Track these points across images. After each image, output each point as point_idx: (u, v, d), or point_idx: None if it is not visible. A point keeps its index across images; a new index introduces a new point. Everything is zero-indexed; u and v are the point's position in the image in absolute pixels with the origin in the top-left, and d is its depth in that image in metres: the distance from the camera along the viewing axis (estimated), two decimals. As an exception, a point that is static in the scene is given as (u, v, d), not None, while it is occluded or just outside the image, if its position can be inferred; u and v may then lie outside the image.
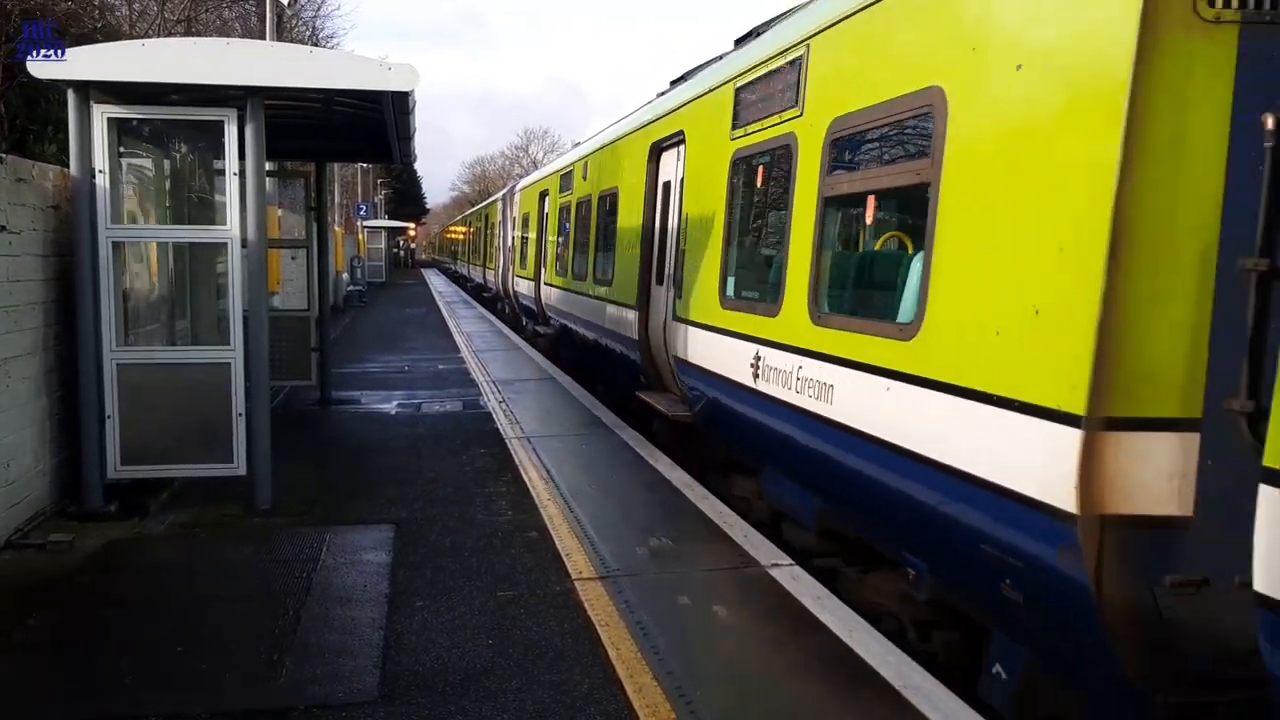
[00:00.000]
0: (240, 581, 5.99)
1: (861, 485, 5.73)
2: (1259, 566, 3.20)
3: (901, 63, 5.46)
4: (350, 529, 6.94)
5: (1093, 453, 3.85)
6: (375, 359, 17.31)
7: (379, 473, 8.63)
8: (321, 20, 33.74)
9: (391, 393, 13.31)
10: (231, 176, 7.04)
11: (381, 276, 47.90)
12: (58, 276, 7.11)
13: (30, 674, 4.72)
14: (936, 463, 4.81)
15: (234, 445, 7.13)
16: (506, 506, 7.56)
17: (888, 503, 5.46)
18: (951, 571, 5.16)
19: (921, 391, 4.99)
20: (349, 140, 11.24)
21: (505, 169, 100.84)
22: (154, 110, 7.36)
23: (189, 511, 7.22)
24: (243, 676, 4.66)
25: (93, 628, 5.24)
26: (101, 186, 6.82)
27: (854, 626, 5.29)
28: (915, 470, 5.01)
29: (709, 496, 7.92)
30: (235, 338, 7.11)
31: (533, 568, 6.18)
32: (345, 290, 31.98)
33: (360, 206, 50.13)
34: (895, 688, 4.57)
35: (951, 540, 4.84)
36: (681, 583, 5.97)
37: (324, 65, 7.24)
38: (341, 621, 5.32)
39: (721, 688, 4.68)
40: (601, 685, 4.60)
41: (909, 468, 5.07)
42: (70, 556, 6.26)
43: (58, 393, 7.14)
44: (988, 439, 4.45)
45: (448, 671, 4.72)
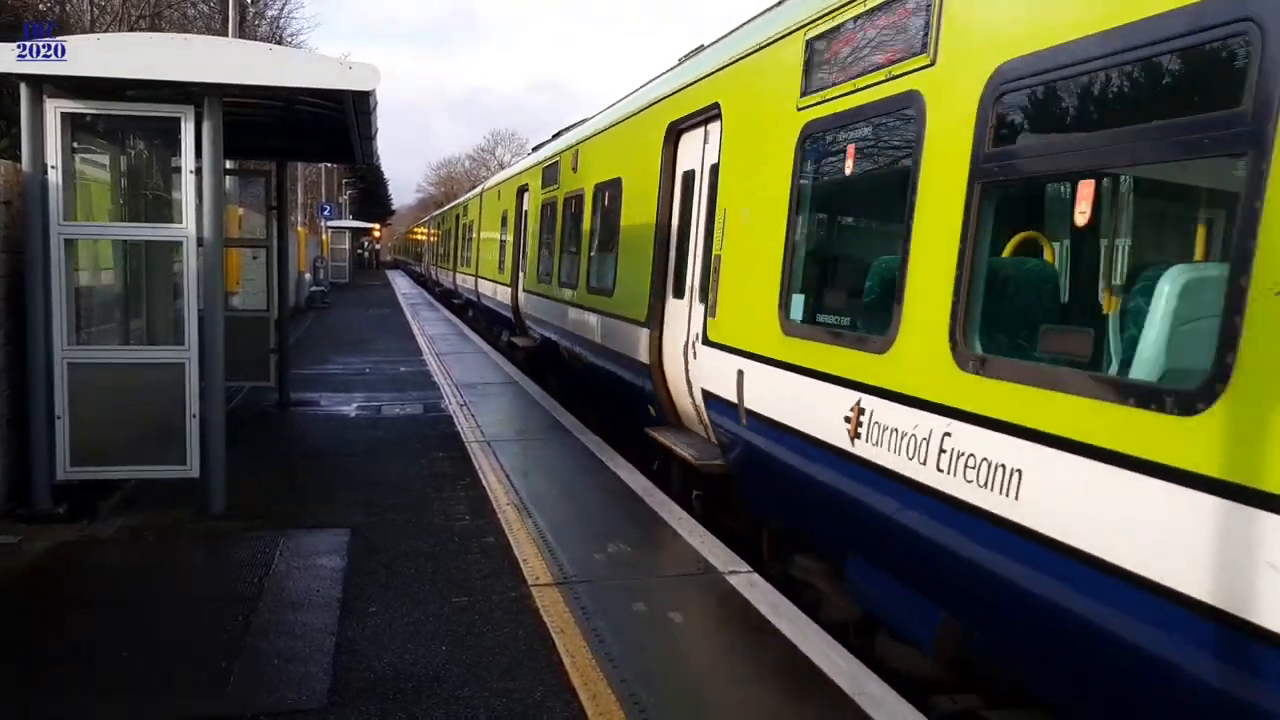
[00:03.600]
0: (190, 586, 5.90)
1: (1059, 624, 3.87)
2: None
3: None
4: (305, 533, 6.85)
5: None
6: (336, 360, 17.15)
7: (336, 476, 8.54)
8: (285, 19, 33.49)
9: (352, 395, 13.19)
10: (188, 175, 6.93)
11: (345, 277, 47.55)
12: (7, 274, 6.96)
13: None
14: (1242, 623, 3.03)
15: (188, 447, 7.02)
16: (464, 511, 7.50)
17: (1114, 658, 3.63)
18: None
19: (1220, 507, 3.13)
20: (311, 139, 11.13)
21: (472, 171, 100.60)
22: (109, 106, 7.23)
23: (140, 514, 7.09)
24: (190, 683, 4.58)
25: (37, 632, 5.12)
26: (54, 183, 6.69)
27: (809, 634, 5.29)
28: (1185, 623, 3.20)
29: (668, 502, 7.90)
30: (190, 338, 7.01)
31: (489, 573, 6.14)
32: (308, 291, 31.67)
33: (324, 207, 49.73)
34: (849, 695, 4.57)
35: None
36: (638, 589, 5.95)
37: (283, 63, 7.15)
38: (293, 627, 5.24)
39: (676, 695, 4.67)
40: (555, 692, 4.57)
41: (1169, 615, 3.26)
42: (16, 559, 6.12)
43: (6, 392, 6.99)
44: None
45: (400, 678, 4.66)
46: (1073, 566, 3.67)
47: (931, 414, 4.59)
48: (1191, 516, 3.18)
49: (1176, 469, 3.27)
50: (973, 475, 4.26)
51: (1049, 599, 3.86)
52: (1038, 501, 3.89)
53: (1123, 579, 3.43)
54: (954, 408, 4.44)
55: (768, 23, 7.06)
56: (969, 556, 4.33)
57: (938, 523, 4.54)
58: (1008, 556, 4.07)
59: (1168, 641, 3.31)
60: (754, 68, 7.19)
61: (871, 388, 5.13)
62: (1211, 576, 3.12)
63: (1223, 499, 3.10)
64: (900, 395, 4.86)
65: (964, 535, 4.35)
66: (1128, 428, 3.48)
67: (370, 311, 30.90)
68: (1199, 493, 3.17)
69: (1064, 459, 3.77)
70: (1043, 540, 3.83)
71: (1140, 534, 3.40)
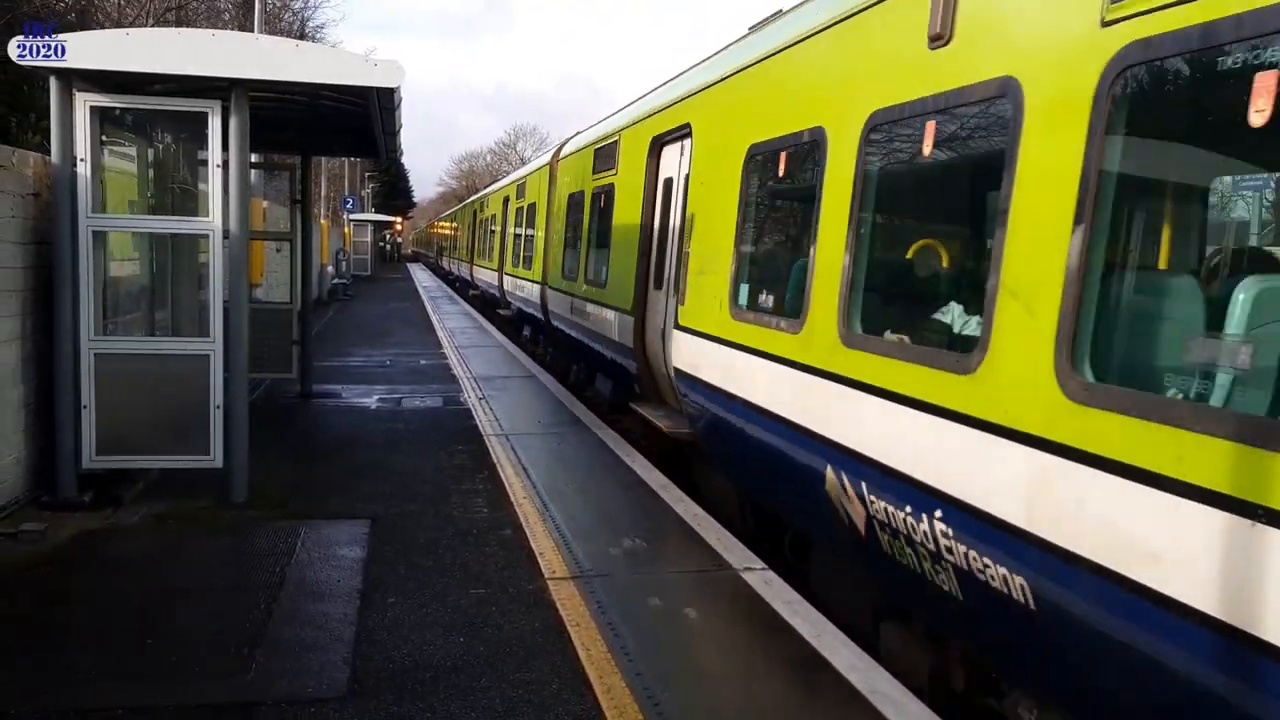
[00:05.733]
0: (213, 574, 5.98)
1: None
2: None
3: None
4: (326, 523, 6.93)
5: None
6: (357, 353, 17.27)
7: (356, 467, 8.62)
8: (310, 11, 33.67)
9: (372, 387, 13.29)
10: (215, 168, 7.02)
11: (366, 270, 47.72)
12: (36, 265, 7.07)
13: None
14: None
15: (211, 437, 7.11)
16: (483, 504, 7.57)
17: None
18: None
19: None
20: (335, 134, 11.21)
21: (493, 165, 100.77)
22: (137, 100, 7.31)
23: (163, 503, 7.20)
24: (212, 670, 4.66)
25: (61, 618, 5.22)
26: (83, 175, 6.79)
27: (823, 631, 5.32)
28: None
29: (684, 499, 7.94)
30: (215, 329, 7.10)
31: (506, 566, 6.20)
32: (330, 284, 31.87)
33: (347, 200, 49.96)
34: (862, 693, 4.60)
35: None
36: (654, 584, 6.00)
37: (310, 60, 7.21)
38: (313, 616, 5.32)
39: (690, 690, 4.71)
40: (571, 685, 4.62)
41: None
42: (41, 546, 6.23)
43: (34, 381, 7.11)
44: None
45: (418, 668, 4.73)
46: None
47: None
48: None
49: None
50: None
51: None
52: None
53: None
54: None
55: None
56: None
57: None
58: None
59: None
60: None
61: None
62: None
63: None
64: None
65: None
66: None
67: (391, 304, 31.05)
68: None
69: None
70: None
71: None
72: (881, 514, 5.04)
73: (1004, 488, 4.04)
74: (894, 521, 4.90)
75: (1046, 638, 3.91)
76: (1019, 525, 3.92)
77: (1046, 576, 3.79)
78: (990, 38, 4.53)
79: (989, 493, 4.14)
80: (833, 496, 5.59)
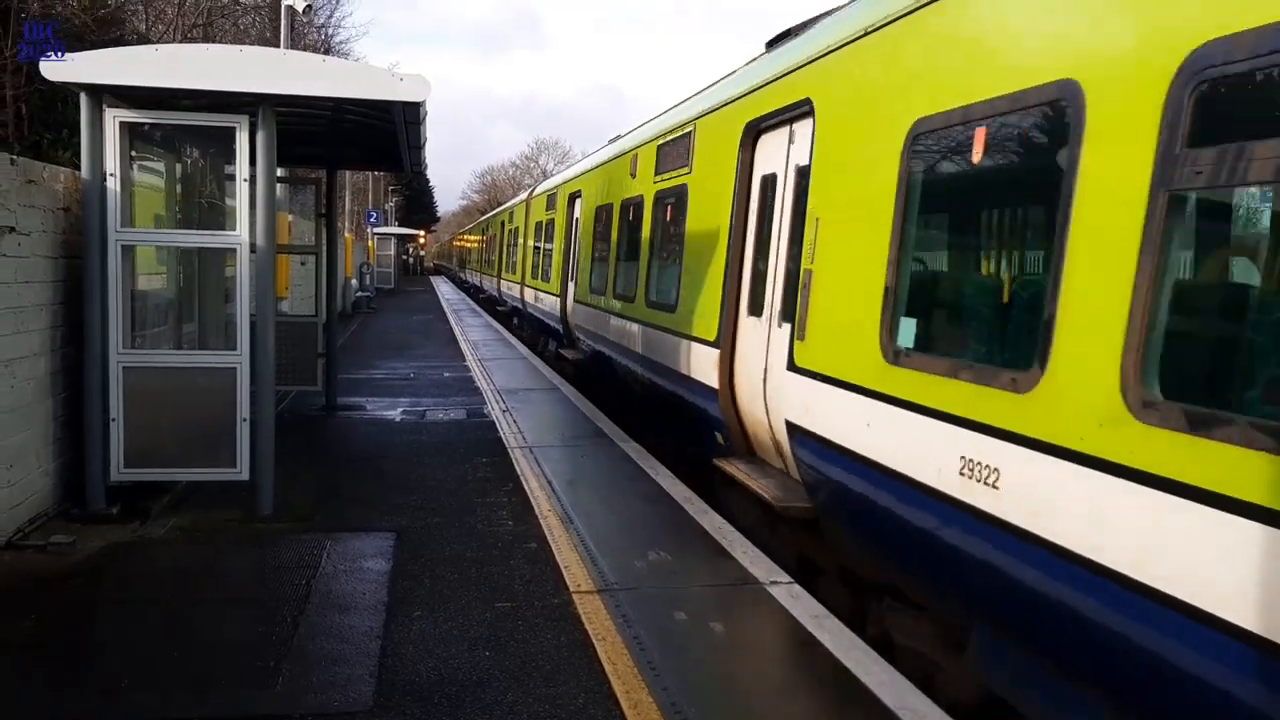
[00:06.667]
0: (240, 586, 5.99)
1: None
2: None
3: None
4: (351, 536, 6.94)
5: None
6: (382, 365, 17.33)
7: (381, 480, 8.64)
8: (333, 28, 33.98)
9: (397, 399, 13.33)
10: (242, 183, 7.07)
11: (390, 283, 47.97)
12: (66, 278, 7.14)
13: (24, 675, 4.72)
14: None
15: (238, 450, 7.15)
16: (507, 517, 7.56)
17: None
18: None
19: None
20: (360, 148, 11.28)
21: (515, 179, 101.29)
22: (166, 115, 7.39)
23: (190, 515, 7.23)
24: (239, 682, 4.66)
25: (89, 630, 5.24)
26: (112, 189, 6.86)
27: (851, 646, 5.27)
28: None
29: (709, 511, 7.90)
30: (242, 343, 7.15)
31: (531, 579, 6.18)
32: (354, 297, 32.06)
33: (371, 213, 50.30)
34: (892, 710, 4.55)
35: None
36: (679, 598, 5.96)
37: (336, 74, 7.26)
38: (340, 629, 5.32)
39: (716, 705, 4.67)
40: (597, 700, 4.59)
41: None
42: (70, 558, 6.27)
43: (63, 394, 7.17)
44: None
45: (443, 682, 4.71)
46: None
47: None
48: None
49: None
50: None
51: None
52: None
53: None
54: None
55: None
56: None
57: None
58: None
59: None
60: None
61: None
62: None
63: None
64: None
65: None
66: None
67: (415, 317, 31.19)
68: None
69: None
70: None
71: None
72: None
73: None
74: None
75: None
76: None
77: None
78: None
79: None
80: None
